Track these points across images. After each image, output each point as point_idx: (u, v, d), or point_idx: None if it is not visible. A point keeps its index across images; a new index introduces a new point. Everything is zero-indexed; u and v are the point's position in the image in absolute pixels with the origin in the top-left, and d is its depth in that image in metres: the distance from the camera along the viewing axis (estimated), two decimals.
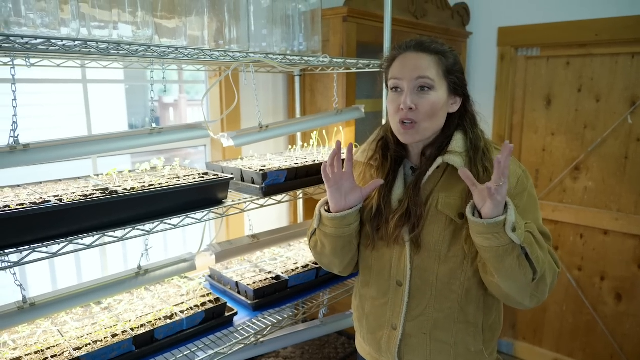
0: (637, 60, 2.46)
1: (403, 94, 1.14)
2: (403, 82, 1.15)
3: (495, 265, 1.05)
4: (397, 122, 1.16)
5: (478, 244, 1.05)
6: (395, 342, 1.22)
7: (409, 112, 1.13)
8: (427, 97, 1.13)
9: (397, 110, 1.15)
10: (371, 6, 2.18)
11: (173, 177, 1.40)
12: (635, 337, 2.64)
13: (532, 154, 2.87)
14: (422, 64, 1.14)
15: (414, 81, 1.13)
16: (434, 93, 1.14)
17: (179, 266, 1.58)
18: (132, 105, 2.69)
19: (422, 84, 1.13)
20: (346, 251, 1.26)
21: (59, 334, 1.31)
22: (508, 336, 3.08)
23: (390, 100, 1.19)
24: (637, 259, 2.58)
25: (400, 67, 1.16)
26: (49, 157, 1.16)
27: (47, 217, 1.06)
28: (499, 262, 1.03)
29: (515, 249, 1.01)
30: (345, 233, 1.21)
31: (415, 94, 1.13)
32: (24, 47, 1.00)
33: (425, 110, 1.13)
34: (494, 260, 1.04)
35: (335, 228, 1.20)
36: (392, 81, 1.18)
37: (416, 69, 1.13)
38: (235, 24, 1.51)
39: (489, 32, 2.87)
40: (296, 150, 2.02)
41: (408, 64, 1.15)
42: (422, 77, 1.13)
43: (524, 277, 1.04)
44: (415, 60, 1.15)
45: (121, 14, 1.24)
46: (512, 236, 0.99)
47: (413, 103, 1.12)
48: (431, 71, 1.14)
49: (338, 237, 1.21)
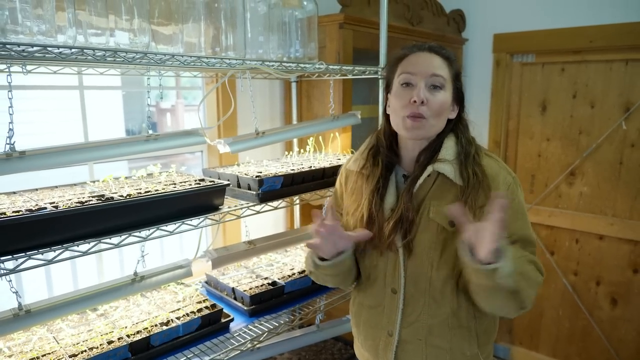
0: (630, 67, 2.49)
1: (415, 88, 1.15)
2: (416, 77, 1.16)
3: (484, 298, 1.08)
4: (405, 115, 1.16)
5: (468, 278, 1.06)
6: (392, 348, 1.23)
7: (420, 107, 1.14)
8: (438, 95, 1.15)
9: (407, 104, 1.15)
10: (367, 13, 2.20)
11: (169, 184, 1.40)
12: (630, 341, 2.64)
13: (528, 160, 2.89)
14: (436, 63, 1.16)
15: (428, 78, 1.15)
16: (444, 93, 1.16)
17: (175, 272, 1.57)
18: (129, 111, 2.70)
19: (435, 82, 1.15)
20: (351, 275, 1.30)
21: (54, 340, 1.31)
22: (505, 341, 3.08)
23: (399, 95, 1.18)
24: (632, 264, 2.59)
25: (414, 63, 1.18)
26: (46, 164, 1.16)
27: (43, 224, 1.06)
28: (488, 296, 1.07)
29: (503, 288, 1.01)
30: (346, 268, 1.24)
31: (427, 91, 1.15)
32: (20, 55, 1.00)
33: (435, 107, 1.15)
34: (483, 294, 1.07)
35: (334, 270, 1.22)
36: (404, 76, 1.18)
37: (431, 66, 1.16)
38: (231, 31, 1.52)
39: (485, 39, 2.89)
40: (293, 157, 2.03)
41: (422, 61, 1.17)
42: (436, 74, 1.15)
43: (510, 307, 1.07)
44: (429, 58, 1.17)
45: (118, 21, 1.25)
46: (505, 282, 0.98)
47: (425, 97, 1.14)
48: (444, 71, 1.16)
49: (338, 274, 1.25)
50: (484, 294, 1.07)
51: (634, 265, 2.59)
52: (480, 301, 1.11)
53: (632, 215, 2.56)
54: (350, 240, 1.19)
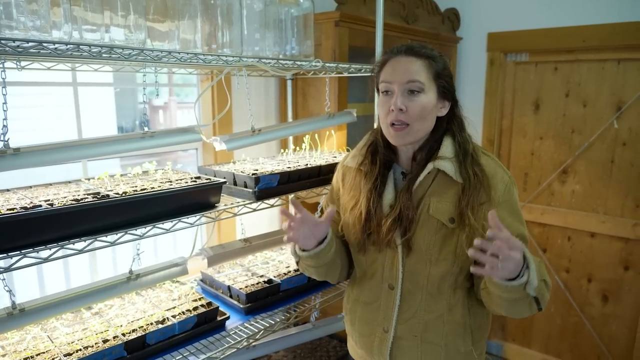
0: (623, 66, 2.51)
1: (393, 96, 1.16)
2: (393, 85, 1.16)
3: (506, 307, 1.09)
4: (388, 124, 1.17)
5: (494, 292, 1.07)
6: (387, 344, 1.24)
7: (400, 114, 1.14)
8: (417, 100, 1.15)
9: (388, 112, 1.17)
10: (363, 11, 2.20)
11: (165, 181, 1.39)
12: (621, 337, 2.68)
13: (521, 158, 2.91)
14: (413, 68, 1.16)
15: (404, 84, 1.15)
16: (424, 96, 1.15)
17: (170, 270, 1.56)
18: (121, 107, 2.67)
19: (412, 88, 1.15)
20: (334, 268, 1.30)
21: (48, 339, 1.29)
22: (497, 338, 3.11)
23: (381, 103, 1.20)
24: (623, 261, 2.63)
25: (391, 71, 1.18)
26: (40, 161, 1.15)
27: (38, 222, 1.05)
28: (511, 306, 1.08)
29: (529, 297, 1.03)
30: (327, 259, 1.24)
31: (406, 97, 1.15)
32: (15, 51, 0.99)
33: (415, 113, 1.15)
34: (506, 305, 1.08)
35: (315, 260, 1.23)
36: (383, 84, 1.19)
37: (407, 73, 1.15)
38: (228, 28, 1.51)
39: (479, 38, 2.91)
40: (288, 154, 2.02)
41: (399, 67, 1.17)
42: (412, 80, 1.15)
43: (530, 311, 1.09)
44: (405, 64, 1.17)
45: (113, 17, 1.24)
46: (530, 292, 1.01)
47: (403, 105, 1.14)
48: (421, 75, 1.15)
49: (321, 265, 1.25)
50: (506, 305, 1.08)
51: (624, 262, 2.62)
52: (499, 310, 1.12)
53: (623, 213, 2.59)
54: (324, 223, 1.19)
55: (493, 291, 1.06)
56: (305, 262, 1.26)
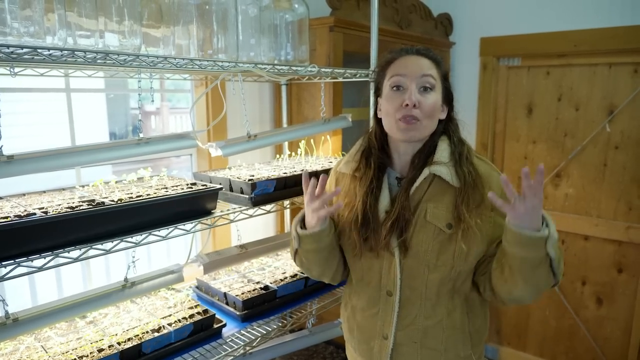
0: (614, 70, 2.54)
1: (406, 91, 1.16)
2: (406, 79, 1.16)
3: (527, 274, 1.04)
4: (398, 118, 1.16)
5: (516, 254, 1.03)
6: (387, 351, 1.23)
7: (413, 109, 1.14)
8: (429, 97, 1.16)
9: (399, 107, 1.16)
10: (357, 16, 2.20)
11: (161, 188, 1.38)
12: (615, 340, 2.69)
13: (515, 162, 2.93)
14: (425, 64, 1.18)
15: (418, 79, 1.16)
16: (435, 94, 1.17)
17: (166, 278, 1.55)
18: (113, 114, 2.66)
19: (425, 83, 1.16)
20: (332, 258, 1.28)
21: (42, 349, 1.27)
22: (493, 341, 3.11)
23: (390, 98, 1.19)
24: (617, 264, 2.64)
25: (404, 66, 1.19)
26: (34, 168, 1.13)
27: (32, 231, 1.04)
28: (532, 271, 1.03)
29: (548, 260, 1.01)
30: (328, 242, 1.22)
31: (419, 93, 1.16)
32: (9, 57, 0.98)
33: (427, 109, 1.15)
34: (527, 270, 1.04)
35: (317, 242, 1.21)
36: (395, 78, 1.18)
37: (421, 67, 1.17)
38: (223, 33, 1.50)
39: (472, 42, 2.93)
40: (284, 160, 2.02)
41: (411, 63, 1.18)
42: (426, 75, 1.16)
43: (547, 284, 1.07)
44: (418, 60, 1.19)
45: (108, 22, 1.22)
46: (550, 251, 0.99)
47: (417, 100, 1.14)
48: (434, 71, 1.18)
49: (320, 250, 1.23)
50: (528, 271, 1.03)
51: (618, 265, 2.64)
52: (519, 281, 1.07)
53: (616, 216, 2.61)
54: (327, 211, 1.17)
55: (514, 254, 1.03)
56: (307, 246, 1.22)
